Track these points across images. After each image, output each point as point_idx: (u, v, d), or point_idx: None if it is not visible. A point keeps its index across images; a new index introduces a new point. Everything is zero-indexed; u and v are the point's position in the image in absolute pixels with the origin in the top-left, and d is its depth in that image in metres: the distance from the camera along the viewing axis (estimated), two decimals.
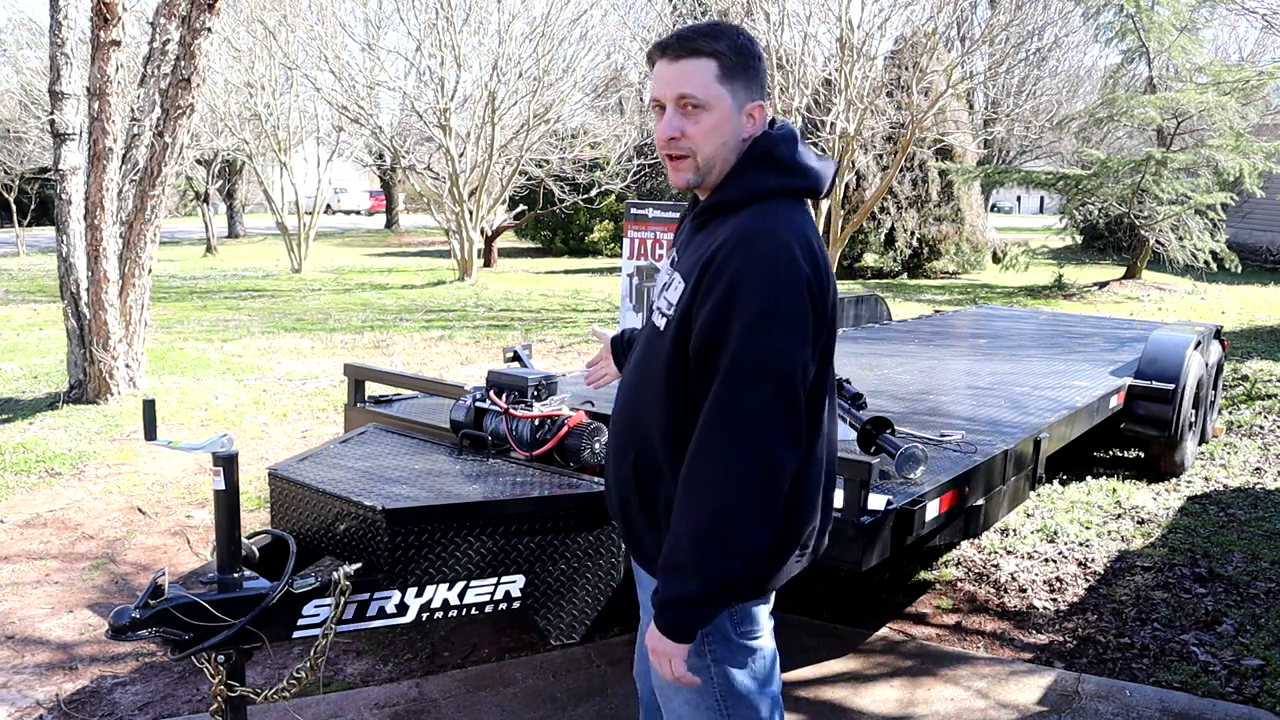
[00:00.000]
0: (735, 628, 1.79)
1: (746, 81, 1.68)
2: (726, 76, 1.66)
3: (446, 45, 16.40)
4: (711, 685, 1.80)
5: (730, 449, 1.59)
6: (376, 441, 3.30)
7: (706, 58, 1.65)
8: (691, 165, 1.71)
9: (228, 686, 2.30)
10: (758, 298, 1.58)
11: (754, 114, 1.70)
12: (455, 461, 3.06)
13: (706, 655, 1.79)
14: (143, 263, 7.23)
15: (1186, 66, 16.05)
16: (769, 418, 1.59)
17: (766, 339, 1.58)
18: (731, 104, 1.67)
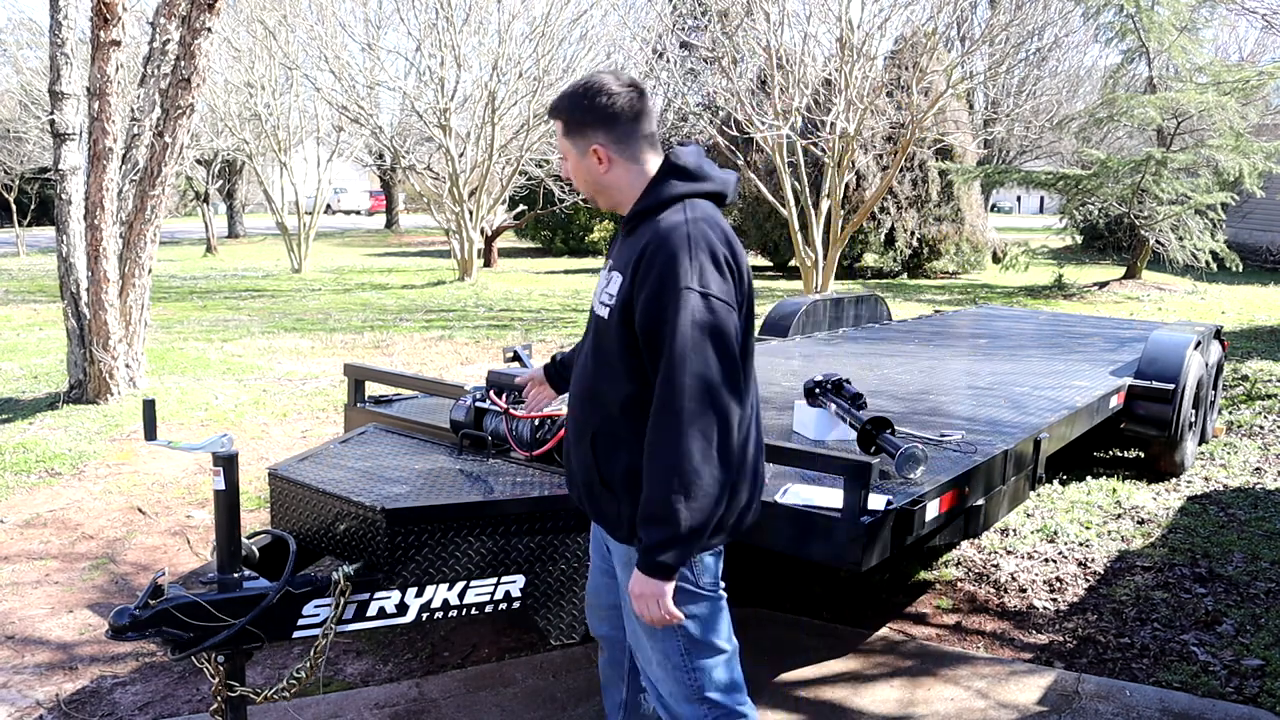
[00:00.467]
0: (696, 579, 2.06)
1: (582, 132, 2.07)
2: (566, 132, 2.09)
3: (446, 45, 16.40)
4: (677, 639, 2.07)
5: (687, 405, 1.88)
6: (376, 441, 3.31)
7: (555, 120, 2.11)
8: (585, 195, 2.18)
9: (228, 686, 2.30)
10: (686, 277, 1.91)
11: (598, 153, 2.07)
12: (455, 461, 3.06)
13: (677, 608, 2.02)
14: (143, 263, 7.23)
15: (1186, 66, 16.04)
16: (714, 373, 1.89)
17: (700, 311, 1.89)
18: (576, 152, 2.10)
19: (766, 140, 13.48)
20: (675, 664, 2.08)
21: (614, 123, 2.05)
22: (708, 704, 2.09)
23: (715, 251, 1.94)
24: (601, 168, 2.08)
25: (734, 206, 20.65)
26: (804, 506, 2.77)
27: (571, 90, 2.08)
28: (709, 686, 2.09)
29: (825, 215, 13.78)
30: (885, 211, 19.07)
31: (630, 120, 2.06)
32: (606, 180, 2.09)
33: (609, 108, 2.05)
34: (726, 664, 2.12)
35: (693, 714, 2.10)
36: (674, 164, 2.06)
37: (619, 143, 2.06)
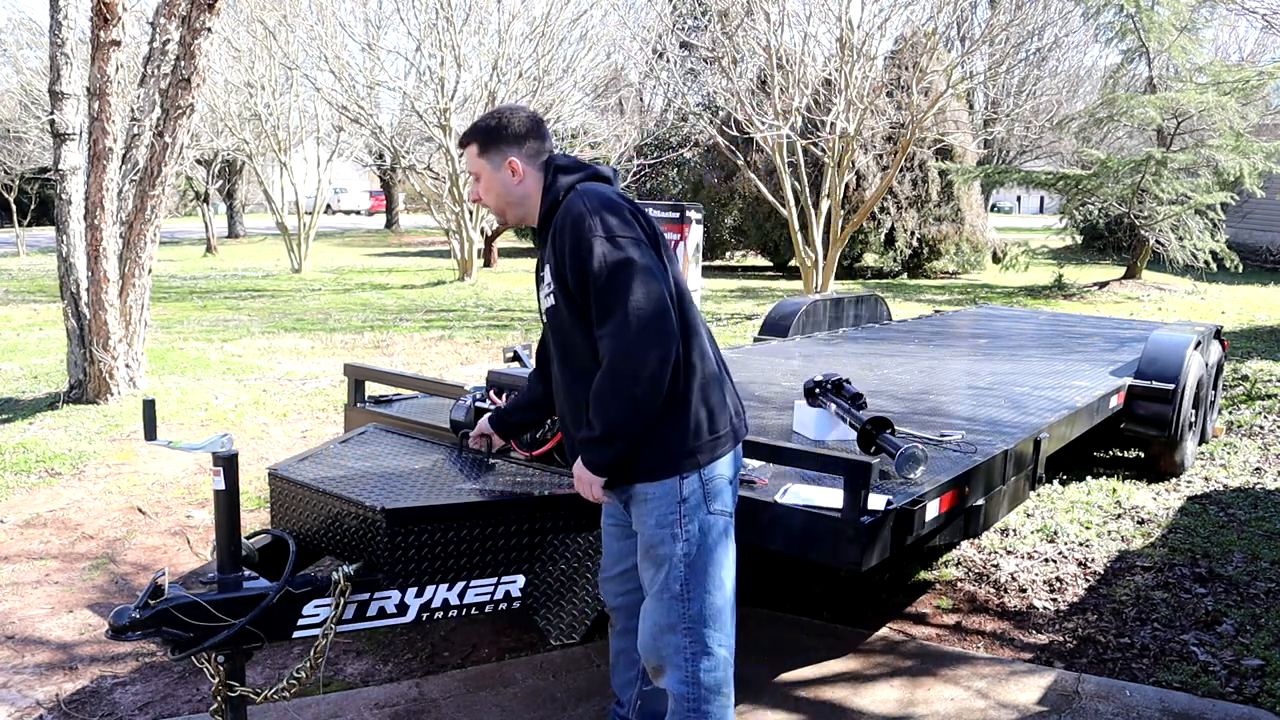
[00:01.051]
0: (709, 503, 2.25)
1: (497, 148, 2.34)
2: (482, 151, 2.35)
3: (446, 45, 16.40)
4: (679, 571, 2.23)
5: (620, 331, 2.09)
6: (376, 441, 3.31)
7: (470, 145, 2.37)
8: (494, 212, 2.42)
9: (228, 686, 2.30)
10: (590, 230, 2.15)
11: (513, 166, 2.33)
12: (455, 461, 3.06)
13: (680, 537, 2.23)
14: (143, 263, 7.23)
15: (1186, 66, 16.04)
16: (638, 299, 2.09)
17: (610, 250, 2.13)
18: (490, 167, 2.35)
19: (766, 140, 13.48)
20: (673, 593, 2.22)
21: (523, 140, 2.35)
22: (691, 636, 2.22)
23: (607, 202, 2.21)
24: (515, 179, 2.34)
25: (734, 206, 20.69)
26: (804, 506, 2.77)
27: (483, 119, 2.39)
28: (698, 619, 2.22)
29: (825, 215, 13.78)
30: (885, 211, 19.07)
31: (536, 138, 2.36)
32: (520, 191, 2.35)
33: (517, 126, 2.35)
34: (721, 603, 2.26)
35: (674, 644, 2.22)
36: (555, 164, 2.35)
37: (530, 157, 2.35)
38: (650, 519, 2.24)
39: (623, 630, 2.56)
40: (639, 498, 2.26)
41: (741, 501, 2.86)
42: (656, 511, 2.23)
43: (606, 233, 2.15)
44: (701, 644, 2.23)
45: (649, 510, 2.24)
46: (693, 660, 2.22)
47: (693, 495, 2.23)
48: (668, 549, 2.23)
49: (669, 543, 2.22)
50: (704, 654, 2.23)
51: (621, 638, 2.57)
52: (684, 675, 2.23)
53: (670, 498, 2.22)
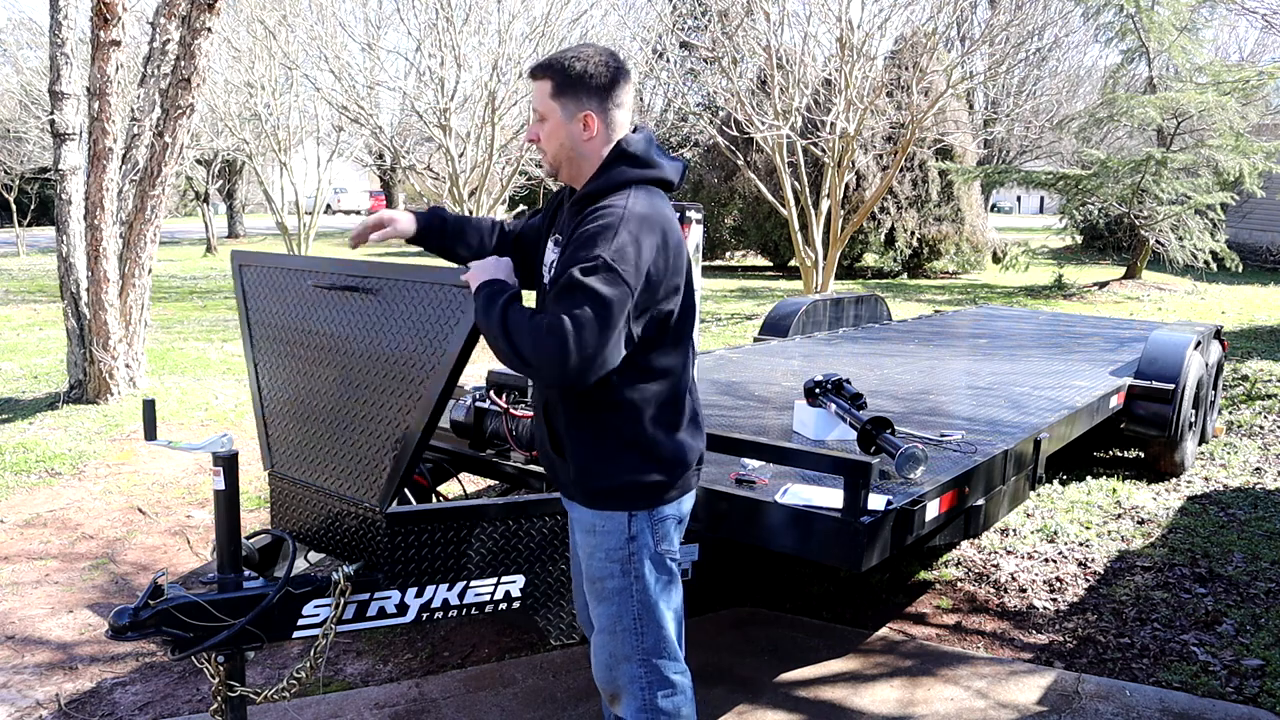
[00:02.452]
0: (657, 545, 2.16)
1: (575, 95, 2.08)
2: (557, 93, 2.08)
3: (446, 45, 16.38)
4: (631, 605, 2.17)
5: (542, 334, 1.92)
6: None
7: (543, 79, 2.10)
8: (546, 159, 2.18)
9: (228, 686, 2.30)
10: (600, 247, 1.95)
11: (585, 121, 2.09)
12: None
13: (631, 574, 2.16)
14: (143, 263, 7.23)
15: (1186, 66, 16.04)
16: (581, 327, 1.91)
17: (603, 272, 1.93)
18: (562, 114, 2.09)
19: (766, 140, 13.47)
20: (625, 626, 2.18)
21: (606, 94, 2.09)
22: (646, 667, 2.19)
23: (638, 237, 1.99)
24: (585, 134, 2.10)
25: (734, 206, 20.69)
26: (804, 506, 2.77)
27: (567, 52, 2.11)
28: (653, 651, 2.19)
29: (825, 215, 13.77)
30: (885, 211, 19.07)
31: (621, 92, 2.11)
32: (586, 149, 2.11)
33: (604, 77, 2.08)
34: (673, 634, 2.22)
35: (630, 674, 2.19)
36: (624, 150, 2.11)
37: (605, 112, 2.10)
38: (599, 552, 2.17)
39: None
40: (586, 527, 2.19)
41: (741, 501, 2.87)
42: (605, 545, 2.16)
43: (614, 259, 1.95)
44: (658, 674, 2.19)
45: (598, 543, 2.17)
46: (649, 689, 2.19)
47: (640, 534, 2.15)
48: (617, 583, 2.17)
49: (619, 577, 2.16)
50: (661, 683, 2.20)
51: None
52: (641, 704, 2.19)
53: (619, 533, 2.15)
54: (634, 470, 2.13)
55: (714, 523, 2.94)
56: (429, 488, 3.11)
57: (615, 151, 2.12)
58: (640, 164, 2.11)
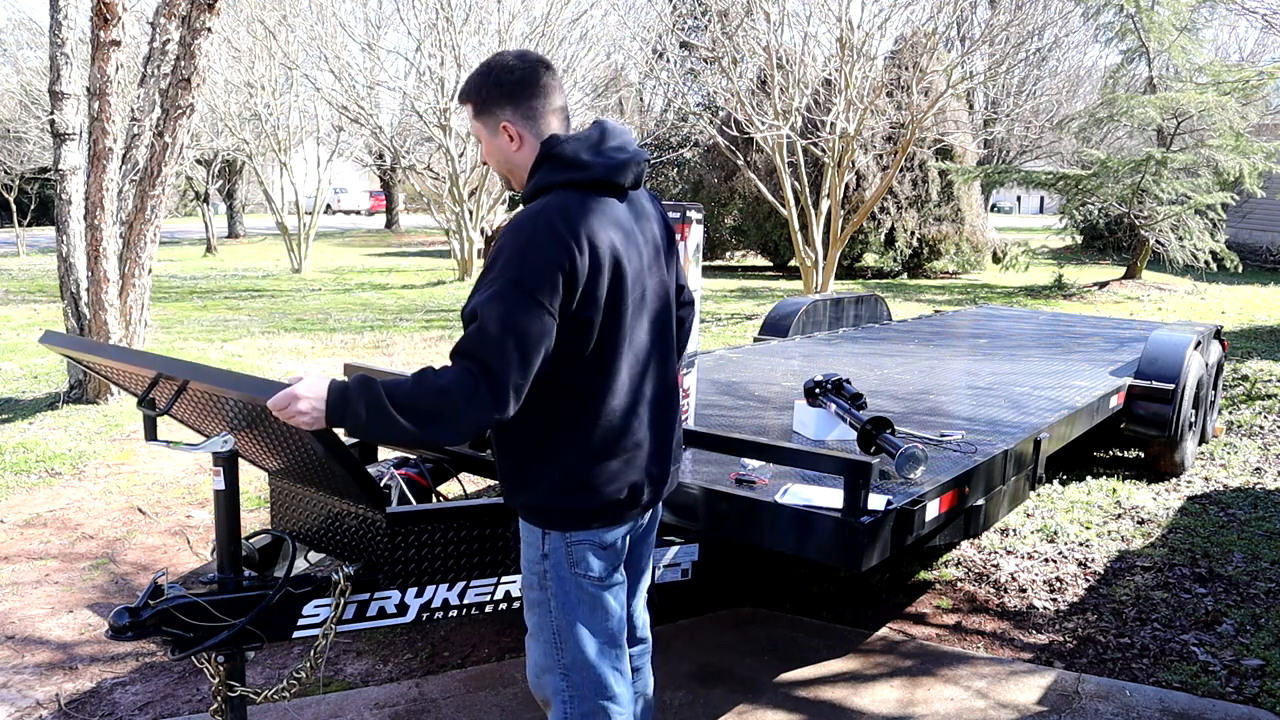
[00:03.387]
0: (571, 567, 2.07)
1: (489, 109, 2.04)
2: (477, 112, 2.07)
3: (446, 45, 16.40)
4: (549, 619, 2.11)
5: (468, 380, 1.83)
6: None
7: (466, 104, 2.09)
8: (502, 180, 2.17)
9: (228, 686, 2.30)
10: (504, 265, 1.88)
11: (507, 130, 2.03)
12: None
13: (548, 590, 2.09)
14: (143, 263, 7.23)
15: (1186, 66, 16.04)
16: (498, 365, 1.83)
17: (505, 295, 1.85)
18: (487, 132, 2.07)
19: (766, 140, 13.48)
20: (546, 638, 2.12)
21: (518, 97, 2.01)
22: (568, 681, 2.12)
23: (546, 253, 1.88)
24: (513, 145, 2.05)
25: (734, 206, 20.69)
26: (804, 506, 2.77)
27: (476, 70, 2.07)
28: (572, 668, 2.10)
29: (825, 215, 13.78)
30: (885, 211, 19.07)
31: (536, 95, 2.01)
32: (519, 159, 2.06)
33: (510, 82, 2.01)
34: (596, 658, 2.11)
35: (553, 685, 2.13)
36: (546, 152, 2.02)
37: (526, 119, 2.02)
38: (522, 560, 2.15)
39: None
40: (519, 529, 2.15)
41: (741, 501, 2.87)
42: (526, 556, 2.13)
43: (520, 278, 1.85)
44: (580, 691, 2.12)
45: (522, 550, 2.14)
46: (571, 703, 2.12)
47: (554, 554, 2.06)
48: (536, 594, 2.11)
49: (537, 589, 2.11)
50: (582, 700, 2.12)
51: None
52: (562, 714, 2.14)
53: (534, 547, 2.09)
54: (545, 489, 2.03)
55: (714, 523, 2.94)
56: (429, 488, 3.11)
57: (540, 153, 2.03)
58: (563, 165, 2.00)
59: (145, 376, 2.23)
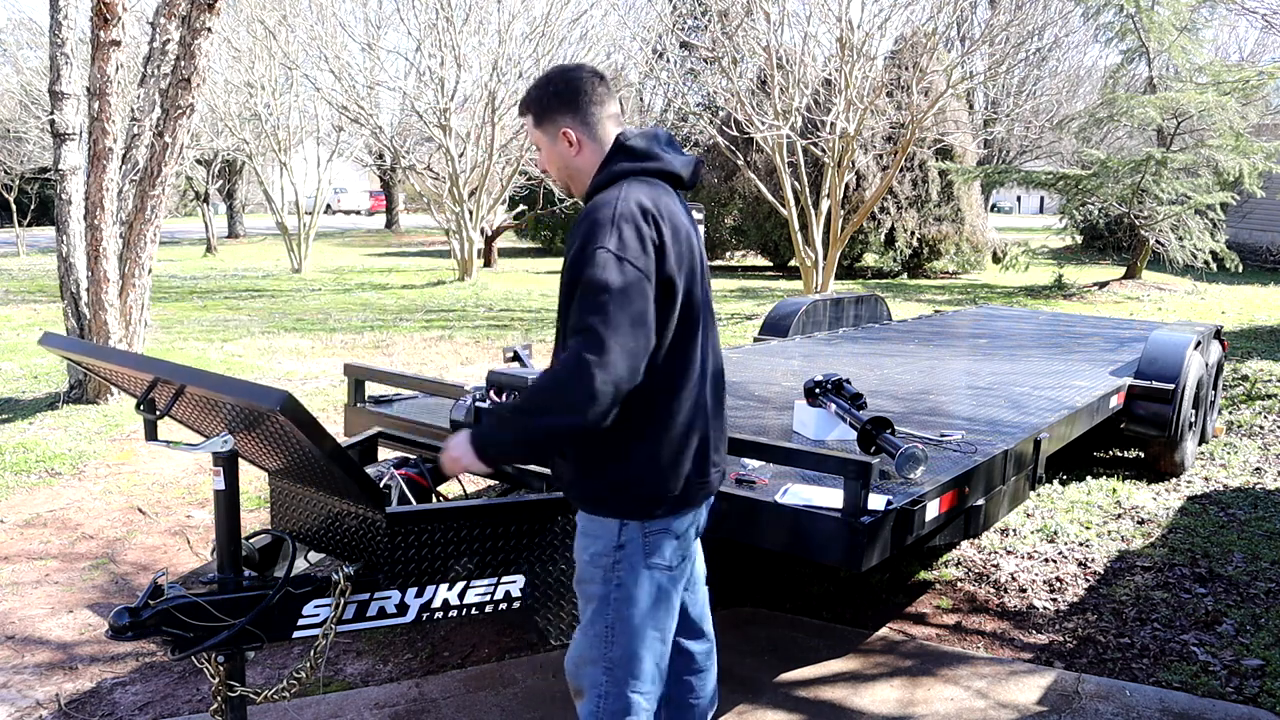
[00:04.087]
0: (646, 557, 2.10)
1: (550, 117, 2.15)
2: (537, 122, 2.18)
3: (446, 45, 16.40)
4: (607, 611, 2.11)
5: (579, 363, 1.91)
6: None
7: (525, 115, 2.20)
8: (558, 183, 2.25)
9: (228, 686, 2.30)
10: (602, 238, 1.96)
11: (567, 135, 2.15)
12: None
13: (615, 581, 2.10)
14: (143, 263, 7.23)
15: (1186, 66, 16.04)
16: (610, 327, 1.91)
17: (611, 268, 1.93)
18: (547, 139, 2.18)
19: (766, 140, 13.48)
20: (598, 631, 2.13)
21: (577, 104, 2.13)
22: (610, 676, 2.13)
23: (638, 225, 1.98)
24: (573, 150, 2.15)
25: (734, 206, 20.69)
26: (804, 506, 2.77)
27: (535, 82, 2.19)
28: (618, 663, 2.13)
29: (825, 215, 13.78)
30: (885, 211, 19.07)
31: (593, 101, 2.14)
32: (578, 163, 2.16)
33: (568, 91, 2.14)
34: (645, 653, 2.14)
35: (592, 678, 2.15)
36: (620, 144, 2.13)
37: (585, 124, 2.14)
38: (585, 553, 2.14)
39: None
40: (580, 528, 2.17)
41: (741, 501, 2.87)
42: (592, 548, 2.13)
43: (619, 250, 1.95)
44: (618, 687, 2.14)
45: (586, 544, 2.14)
46: (606, 699, 2.13)
47: (630, 544, 2.09)
48: (598, 589, 2.12)
49: (600, 583, 2.12)
50: (617, 698, 2.14)
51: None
52: (594, 709, 2.15)
53: (608, 540, 2.10)
54: (626, 477, 2.08)
55: (714, 523, 2.93)
56: (429, 488, 3.11)
57: (614, 147, 2.14)
58: (637, 156, 2.12)
59: (143, 380, 2.23)
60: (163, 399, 2.22)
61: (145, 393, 2.23)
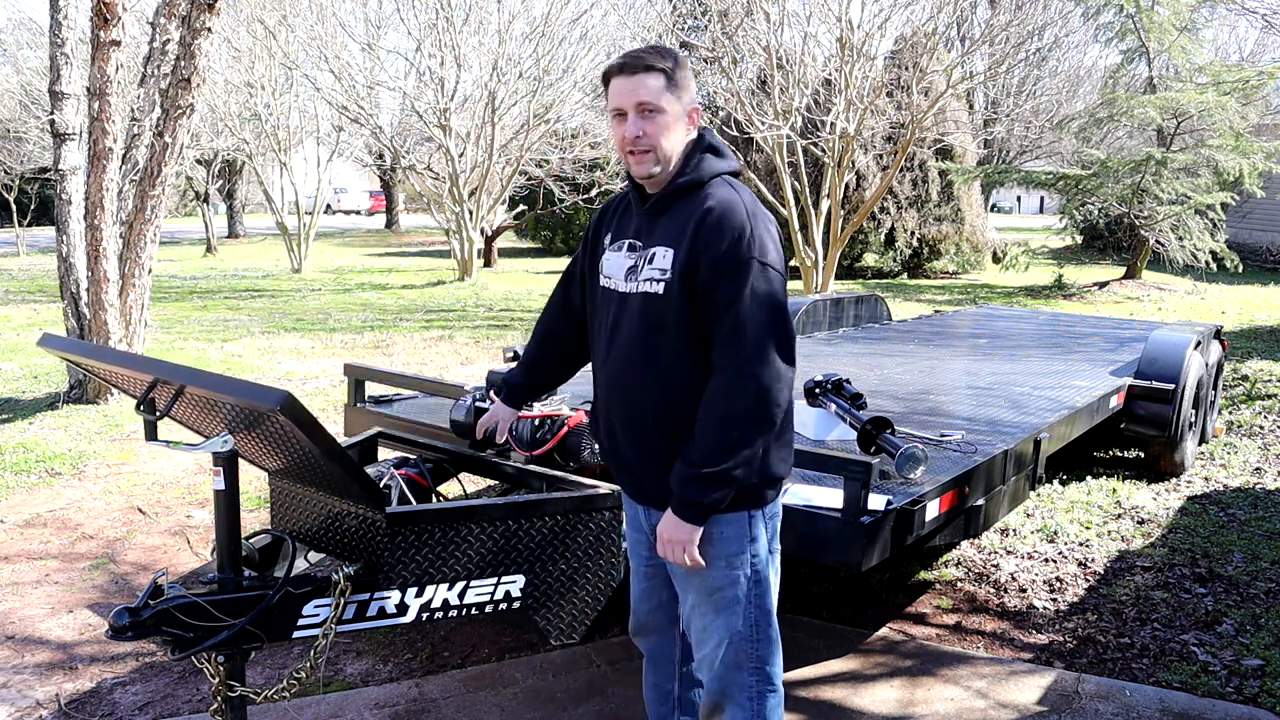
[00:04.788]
0: (769, 541, 2.14)
1: (689, 89, 2.09)
2: (671, 86, 2.05)
3: (446, 45, 16.40)
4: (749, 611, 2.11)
5: (748, 369, 1.96)
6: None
7: (657, 73, 2.04)
8: (653, 158, 2.08)
9: (228, 686, 2.30)
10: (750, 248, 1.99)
11: (692, 115, 2.10)
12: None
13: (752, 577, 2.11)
14: (143, 263, 7.23)
15: (1186, 66, 16.04)
16: (772, 339, 1.97)
17: (762, 280, 1.98)
18: (679, 109, 2.07)
19: (766, 140, 13.48)
20: (743, 635, 2.11)
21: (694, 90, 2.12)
22: (758, 675, 2.13)
23: (770, 227, 2.05)
24: (689, 130, 2.10)
25: None
26: (804, 506, 2.77)
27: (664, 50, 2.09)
28: (767, 658, 2.14)
29: (825, 215, 13.78)
30: (885, 211, 19.07)
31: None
32: (680, 144, 2.09)
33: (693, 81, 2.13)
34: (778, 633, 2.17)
35: (741, 684, 2.13)
36: (710, 143, 2.12)
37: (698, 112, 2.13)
38: (720, 560, 2.08)
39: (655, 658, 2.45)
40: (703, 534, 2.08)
41: None
42: (726, 551, 2.08)
43: (763, 256, 1.99)
44: (767, 681, 2.15)
45: (716, 550, 2.07)
46: (759, 699, 2.13)
47: (758, 534, 2.10)
48: (736, 591, 2.09)
49: (738, 584, 2.08)
50: (769, 691, 2.15)
51: (654, 669, 2.45)
52: (748, 714, 2.13)
53: (742, 536, 2.08)
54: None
55: None
56: (429, 488, 3.11)
57: (706, 142, 2.11)
58: (721, 155, 2.12)
59: (143, 380, 2.23)
60: (163, 399, 2.21)
61: (145, 393, 2.23)
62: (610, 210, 2.31)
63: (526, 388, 2.62)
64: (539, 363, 2.57)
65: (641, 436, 2.14)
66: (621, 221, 2.23)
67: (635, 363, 2.12)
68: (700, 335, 2.04)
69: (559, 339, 2.51)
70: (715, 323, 2.00)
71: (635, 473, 2.20)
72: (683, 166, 2.08)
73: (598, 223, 2.32)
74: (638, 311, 2.10)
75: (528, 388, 2.62)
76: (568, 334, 2.48)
